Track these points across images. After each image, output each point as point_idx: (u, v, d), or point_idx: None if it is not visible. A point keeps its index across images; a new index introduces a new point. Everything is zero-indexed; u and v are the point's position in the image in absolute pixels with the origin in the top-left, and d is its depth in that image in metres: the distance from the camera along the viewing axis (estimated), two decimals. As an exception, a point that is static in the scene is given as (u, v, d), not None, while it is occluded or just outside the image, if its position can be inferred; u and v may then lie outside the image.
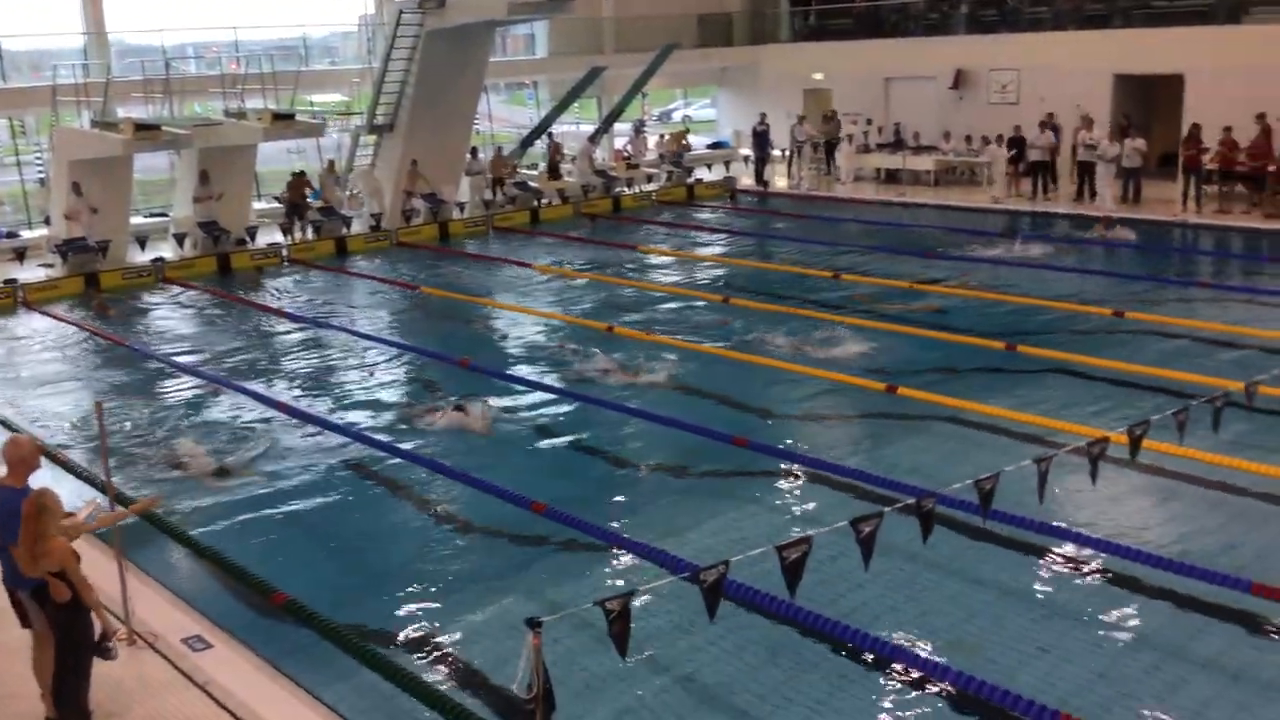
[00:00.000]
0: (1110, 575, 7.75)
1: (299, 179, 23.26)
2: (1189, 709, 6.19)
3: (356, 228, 23.53)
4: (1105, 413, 10.72)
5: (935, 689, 6.45)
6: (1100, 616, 7.26)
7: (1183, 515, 8.77)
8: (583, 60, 29.15)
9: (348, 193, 24.51)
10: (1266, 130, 21.16)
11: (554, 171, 27.19)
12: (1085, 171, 23.14)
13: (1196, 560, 7.65)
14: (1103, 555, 7.93)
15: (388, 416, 12.01)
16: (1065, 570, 7.89)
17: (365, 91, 25.96)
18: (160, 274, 20.25)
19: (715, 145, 32.88)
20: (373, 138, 24.55)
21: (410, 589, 8.03)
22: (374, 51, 26.83)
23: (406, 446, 10.86)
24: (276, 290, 19.45)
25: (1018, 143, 24.46)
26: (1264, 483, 8.99)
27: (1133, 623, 7.16)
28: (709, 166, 29.92)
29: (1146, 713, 6.17)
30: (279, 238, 22.58)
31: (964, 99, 27.74)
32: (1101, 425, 9.63)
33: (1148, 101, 25.24)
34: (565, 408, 11.95)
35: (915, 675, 6.59)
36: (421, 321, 16.92)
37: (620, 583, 7.84)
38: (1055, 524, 8.28)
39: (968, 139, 26.83)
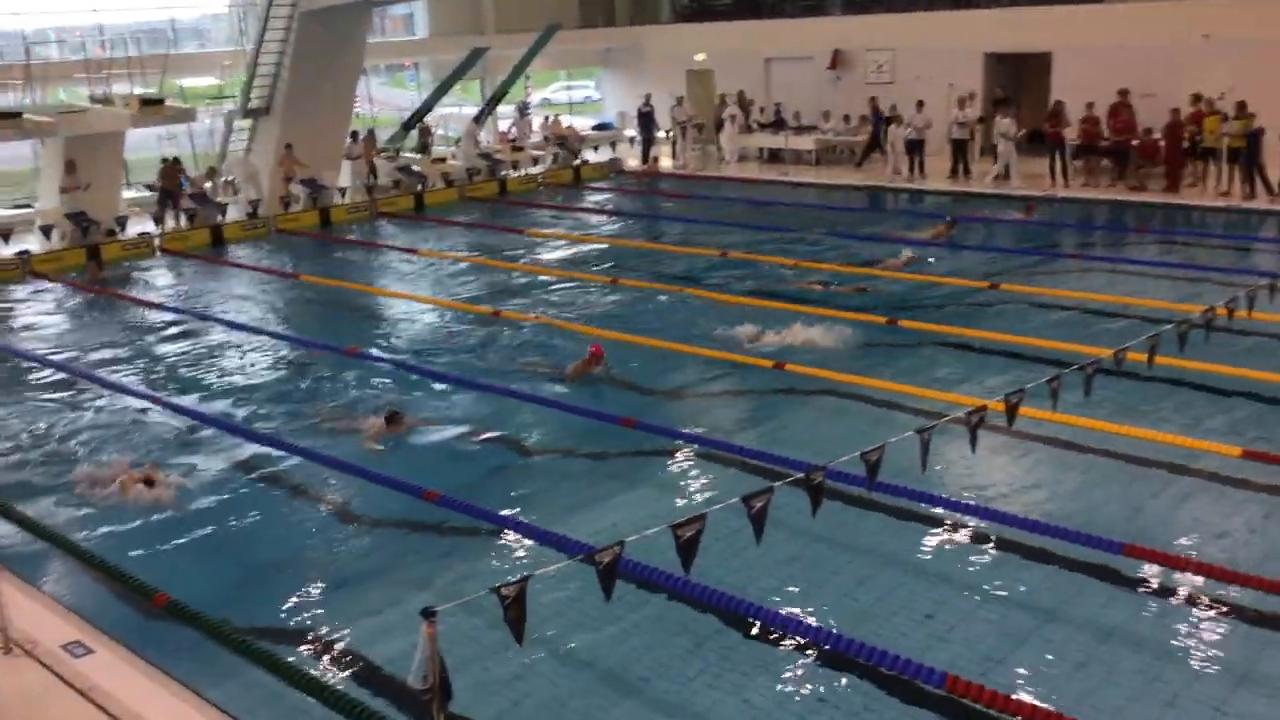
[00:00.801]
0: (991, 540, 8.00)
1: (172, 166, 22.47)
2: (1067, 668, 6.44)
3: (233, 215, 22.88)
4: (983, 382, 11.05)
5: (827, 657, 6.58)
6: (982, 581, 7.50)
7: (1058, 479, 9.09)
8: (464, 41, 28.78)
9: (223, 179, 23.80)
10: (1129, 106, 21.99)
11: (425, 152, 26.87)
12: (959, 149, 23.73)
13: (1071, 523, 7.96)
14: (983, 521, 8.19)
15: (272, 410, 11.72)
16: (949, 537, 8.12)
17: (238, 75, 25.20)
18: (27, 267, 19.41)
19: (600, 127, 32.82)
20: (248, 122, 23.87)
21: (302, 584, 7.88)
22: (246, 33, 26.05)
23: (295, 441, 10.63)
24: (149, 282, 18.81)
25: (889, 120, 24.93)
26: (1133, 445, 9.39)
27: (1014, 586, 7.40)
28: (595, 148, 29.87)
29: (1026, 672, 6.40)
30: (150, 227, 21.81)
31: (841, 79, 28.19)
32: (979, 394, 9.93)
33: (1017, 79, 25.98)
34: (454, 394, 11.83)
35: (808, 645, 6.71)
36: (304, 311, 16.54)
37: (516, 568, 7.81)
38: (938, 493, 8.53)
39: (846, 118, 27.30)
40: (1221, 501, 8.52)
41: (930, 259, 16.87)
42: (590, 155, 29.21)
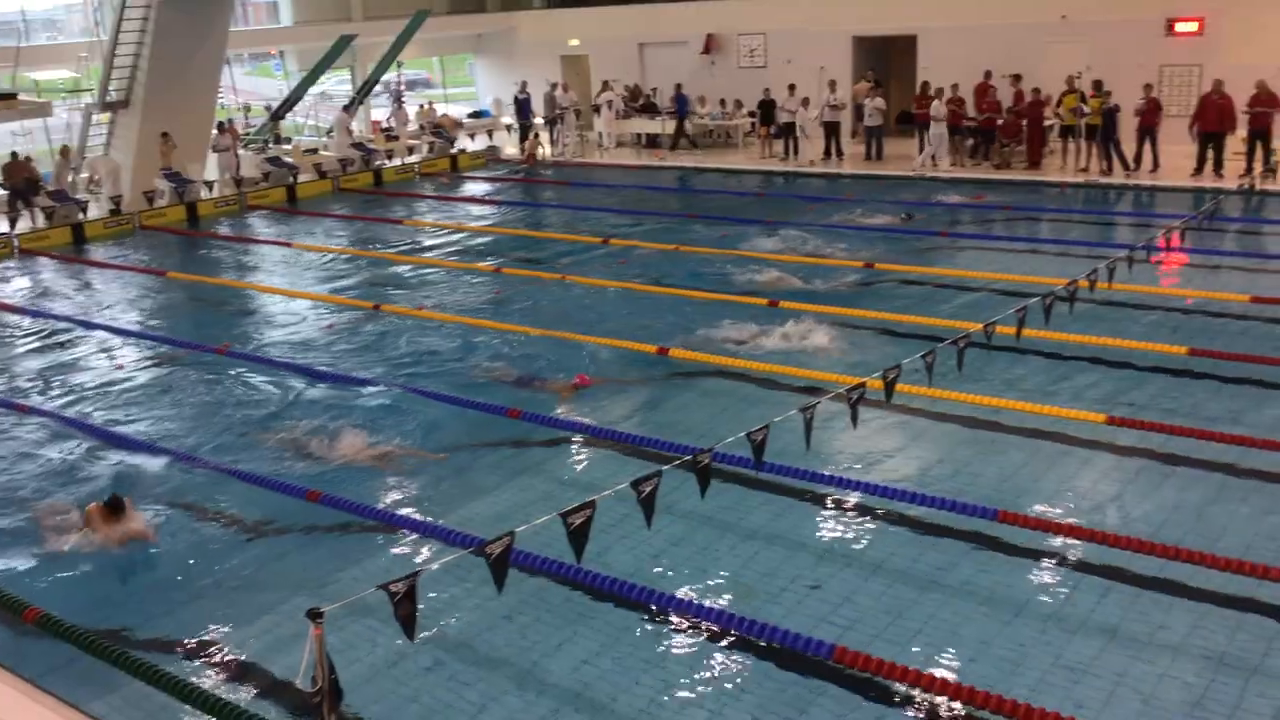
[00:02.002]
0: (874, 512, 8.20)
1: (15, 163, 21.44)
2: (946, 631, 6.65)
3: (94, 212, 21.99)
4: (862, 360, 11.30)
5: (720, 636, 6.67)
6: (866, 553, 7.68)
7: (935, 451, 9.36)
8: (331, 28, 28.17)
9: (84, 175, 22.85)
10: (993, 87, 22.71)
11: (277, 141, 26.34)
12: (831, 132, 24.17)
13: (948, 493, 8.21)
14: (866, 495, 8.39)
15: (141, 413, 11.34)
16: (833, 512, 8.30)
17: (95, 67, 24.21)
18: None
19: (476, 114, 32.50)
20: (106, 116, 22.96)
21: (184, 592, 7.66)
22: (102, 24, 25.03)
23: (169, 445, 10.30)
24: (6, 284, 17.98)
25: (767, 105, 25.28)
26: (1005, 415, 9.73)
27: (896, 556, 7.60)
28: (471, 136, 29.56)
29: (910, 638, 6.59)
30: (4, 227, 20.80)
31: (715, 63, 28.45)
32: (858, 372, 10.15)
33: (885, 61, 26.58)
34: (333, 390, 11.60)
35: (701, 625, 6.79)
36: (173, 310, 15.99)
37: (405, 565, 7.72)
38: (822, 470, 8.70)
39: (722, 102, 27.56)
40: (1089, 466, 8.89)
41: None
42: (467, 143, 28.90)
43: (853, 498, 8.42)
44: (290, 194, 24.20)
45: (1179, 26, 22.46)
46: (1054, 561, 7.42)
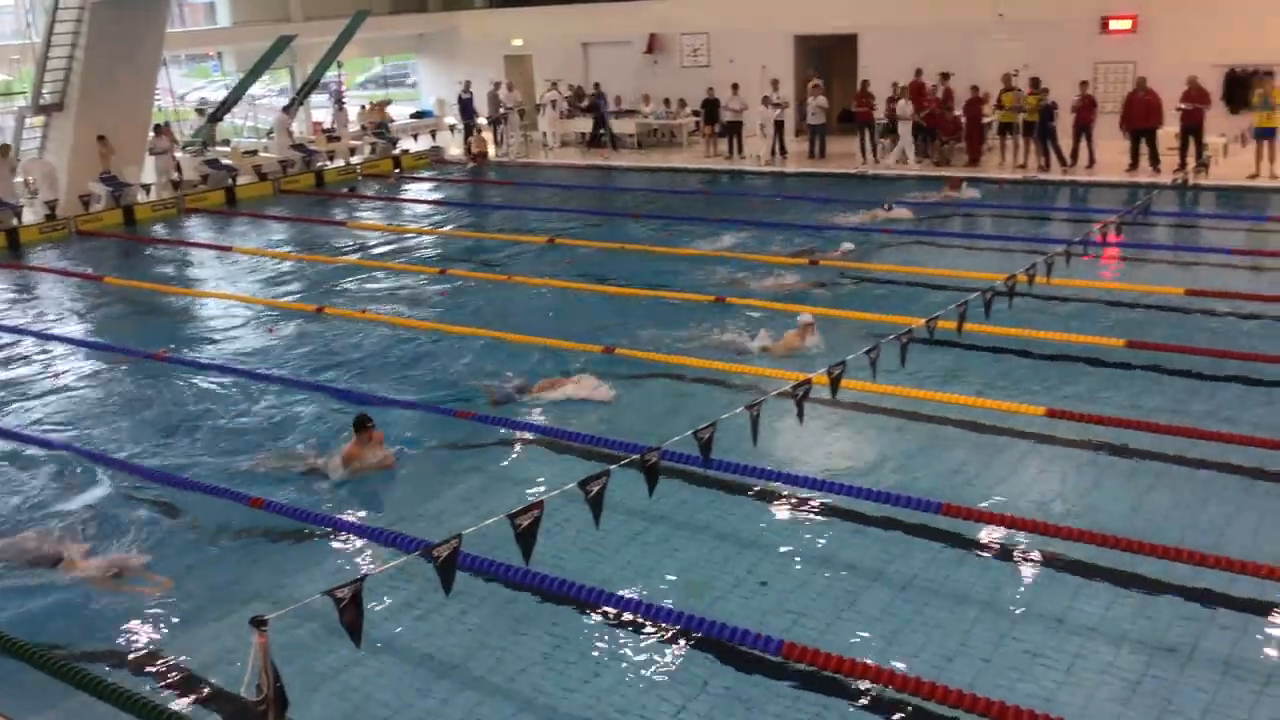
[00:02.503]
0: (820, 507, 8.26)
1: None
2: (896, 625, 6.72)
3: (29, 217, 21.53)
4: (807, 357, 11.35)
5: (670, 635, 6.68)
6: (814, 548, 7.74)
7: (880, 446, 9.45)
8: (269, 29, 27.78)
9: (20, 179, 22.34)
10: (932, 85, 22.98)
11: (211, 144, 26.11)
12: (777, 130, 24.30)
13: (894, 487, 8.30)
14: (813, 490, 8.44)
15: (82, 419, 11.12)
16: (781, 508, 8.35)
17: (28, 69, 23.70)
18: None
19: (419, 114, 32.24)
20: (40, 119, 22.48)
21: (130, 603, 7.51)
22: (34, 25, 24.51)
23: (111, 453, 10.12)
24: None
25: (712, 104, 25.37)
26: (948, 409, 9.85)
27: (843, 550, 7.67)
28: (414, 136, 29.33)
29: (858, 632, 6.65)
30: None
31: (659, 62, 28.49)
32: (805, 369, 10.21)
33: (826, 60, 26.77)
34: (277, 394, 11.45)
35: (651, 624, 6.80)
36: (110, 315, 15.68)
37: (351, 570, 7.65)
38: (770, 466, 8.75)
39: (666, 102, 27.61)
40: (1031, 459, 9.03)
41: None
42: (410, 144, 28.68)
43: (800, 493, 8.47)
44: (230, 196, 23.86)
45: (1113, 24, 22.87)
46: (997, 552, 7.52)
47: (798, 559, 7.59)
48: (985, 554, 7.53)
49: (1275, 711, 5.75)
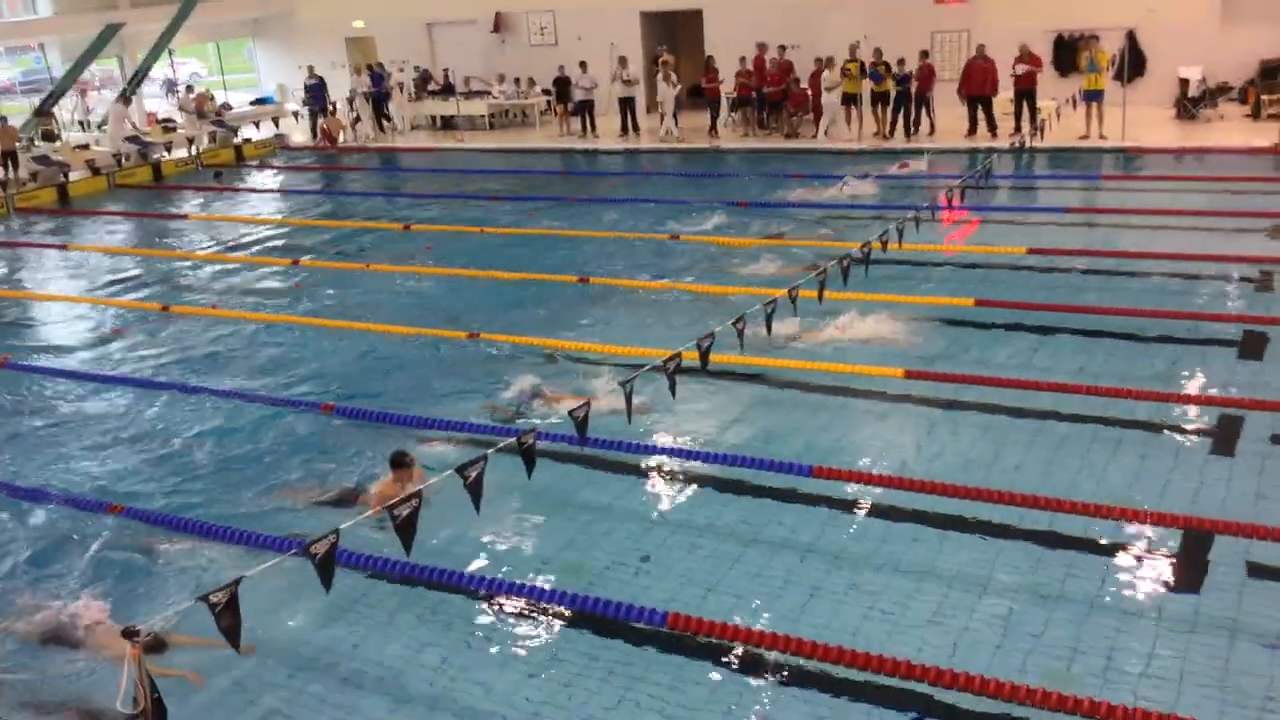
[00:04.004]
0: (696, 478, 8.37)
1: None
2: (775, 586, 6.87)
3: None
4: (676, 329, 11.45)
5: (556, 616, 6.69)
6: (692, 518, 7.84)
7: (750, 415, 9.60)
8: (95, 18, 26.44)
9: None
10: (776, 59, 23.35)
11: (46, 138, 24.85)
12: (626, 107, 24.34)
13: (765, 453, 8.46)
14: (687, 460, 8.56)
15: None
16: (657, 480, 8.43)
17: None
18: None
19: (259, 101, 31.19)
20: None
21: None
22: None
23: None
24: None
25: (562, 83, 25.26)
26: (812, 376, 10.09)
27: (720, 518, 7.78)
28: (256, 124, 28.35)
29: (738, 597, 6.77)
30: None
31: (506, 42, 28.19)
32: (673, 342, 10.30)
33: (672, 36, 26.92)
34: (126, 396, 10.98)
35: (537, 607, 6.78)
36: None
37: (226, 575, 7.40)
38: (645, 441, 8.82)
39: (516, 81, 27.37)
40: (892, 418, 9.32)
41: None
42: (252, 132, 27.73)
43: (675, 465, 8.57)
44: (62, 193, 22.66)
45: (946, -6, 23.64)
46: (867, 510, 7.76)
47: (677, 530, 7.67)
48: (855, 512, 7.76)
49: (1139, 644, 6.08)
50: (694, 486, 8.31)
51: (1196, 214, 14.92)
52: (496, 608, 6.86)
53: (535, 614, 6.76)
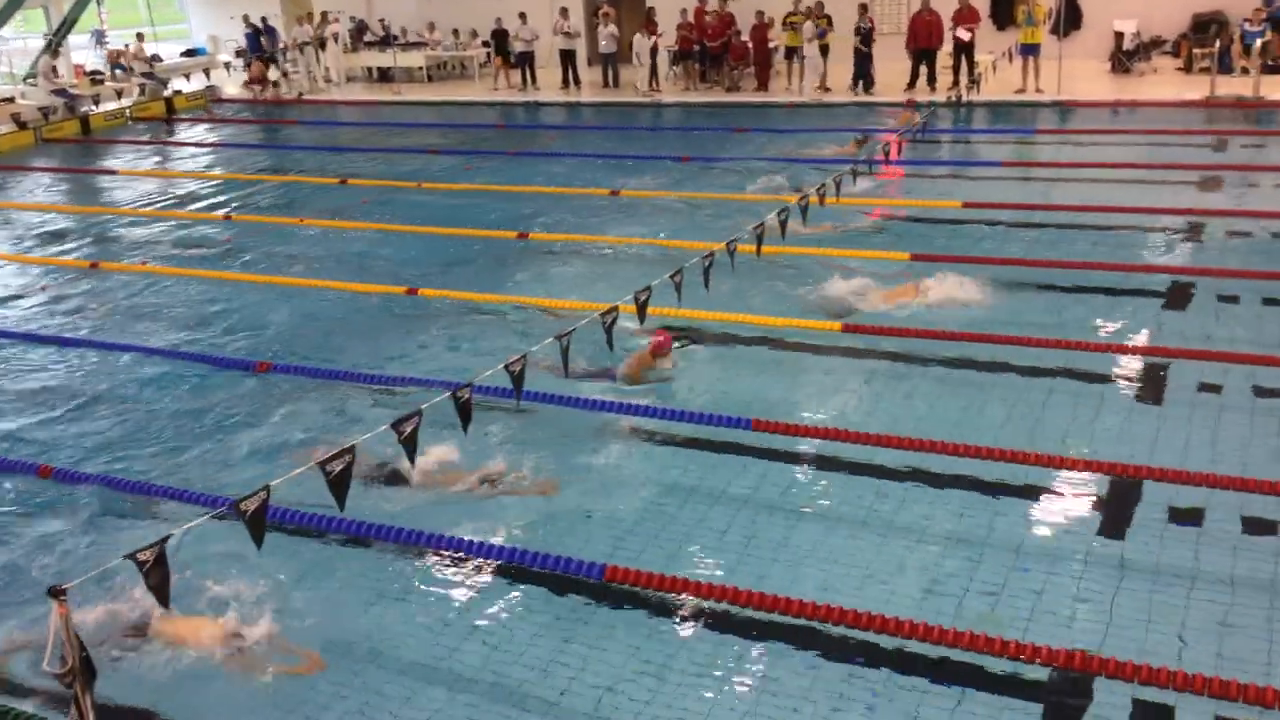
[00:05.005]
0: (636, 433, 8.38)
1: None
2: (714, 538, 6.92)
3: None
4: (616, 284, 11.43)
5: (500, 571, 6.70)
6: (630, 473, 7.85)
7: (691, 369, 9.62)
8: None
9: None
10: (716, 11, 23.23)
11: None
12: (567, 60, 24.11)
13: (704, 407, 8.50)
14: (625, 415, 8.56)
15: None
16: (596, 436, 8.42)
17: None
18: None
19: (190, 53, 30.45)
20: None
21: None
22: None
23: None
24: None
25: (500, 35, 24.92)
26: (752, 329, 10.13)
27: (660, 474, 7.81)
28: (186, 76, 27.68)
29: (678, 548, 6.82)
30: None
31: (444, -7, 27.74)
32: (612, 297, 10.28)
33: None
34: (54, 355, 10.75)
35: (481, 563, 6.79)
36: None
37: (157, 533, 7.31)
38: (582, 395, 8.80)
39: (455, 32, 26.95)
40: (831, 371, 9.40)
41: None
42: (183, 84, 27.07)
43: (613, 420, 8.57)
44: (-14, 148, 22.05)
45: (886, -52, 23.62)
46: (806, 461, 7.84)
47: (617, 486, 7.68)
48: (794, 464, 7.83)
49: (1067, 587, 6.24)
50: (632, 441, 8.33)
51: (1129, 166, 15.15)
52: (432, 561, 6.85)
53: (473, 567, 6.76)
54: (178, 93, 26.37)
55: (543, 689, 5.65)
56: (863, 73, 21.46)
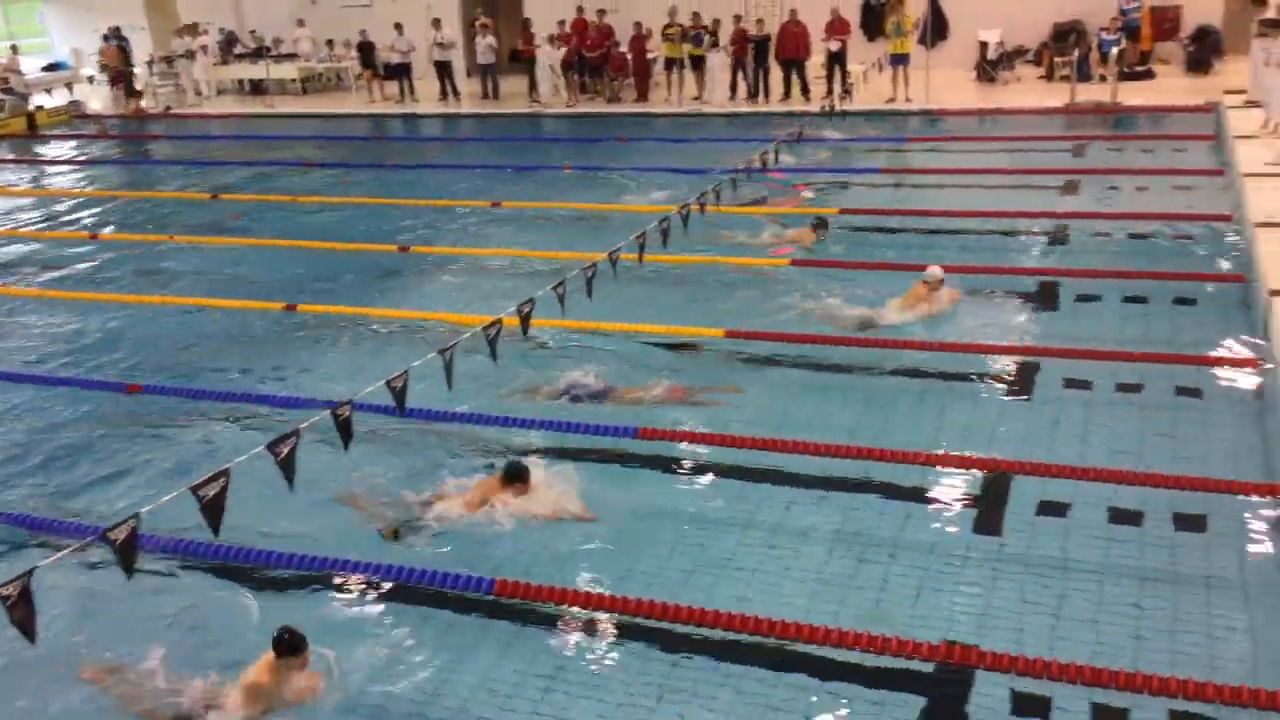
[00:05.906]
0: (518, 444, 8.31)
1: None
2: (607, 547, 6.90)
3: None
4: (498, 296, 11.35)
5: (381, 590, 6.58)
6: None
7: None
8: None
9: None
10: (595, 23, 23.30)
11: None
12: (443, 72, 23.89)
13: (593, 418, 8.48)
14: (507, 428, 8.46)
15: None
16: (479, 449, 8.34)
17: None
18: None
19: (52, 67, 29.31)
20: None
21: None
22: None
23: None
24: None
25: (367, 47, 24.57)
26: (636, 339, 10.16)
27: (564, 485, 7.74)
28: (48, 91, 26.62)
29: (566, 558, 6.79)
30: None
31: (317, 2, 27.26)
32: (494, 310, 10.21)
33: (490, 1, 26.54)
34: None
35: (360, 582, 6.65)
36: None
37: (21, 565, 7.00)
38: (466, 410, 8.71)
39: (329, 43, 26.51)
40: (714, 375, 9.47)
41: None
42: (44, 99, 26.04)
43: (496, 434, 8.50)
44: None
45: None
46: (690, 467, 7.88)
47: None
48: (680, 471, 7.86)
49: (945, 582, 6.40)
50: (515, 454, 8.25)
51: (996, 172, 15.67)
52: (315, 585, 6.70)
53: (359, 588, 6.62)
54: (39, 108, 25.35)
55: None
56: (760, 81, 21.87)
